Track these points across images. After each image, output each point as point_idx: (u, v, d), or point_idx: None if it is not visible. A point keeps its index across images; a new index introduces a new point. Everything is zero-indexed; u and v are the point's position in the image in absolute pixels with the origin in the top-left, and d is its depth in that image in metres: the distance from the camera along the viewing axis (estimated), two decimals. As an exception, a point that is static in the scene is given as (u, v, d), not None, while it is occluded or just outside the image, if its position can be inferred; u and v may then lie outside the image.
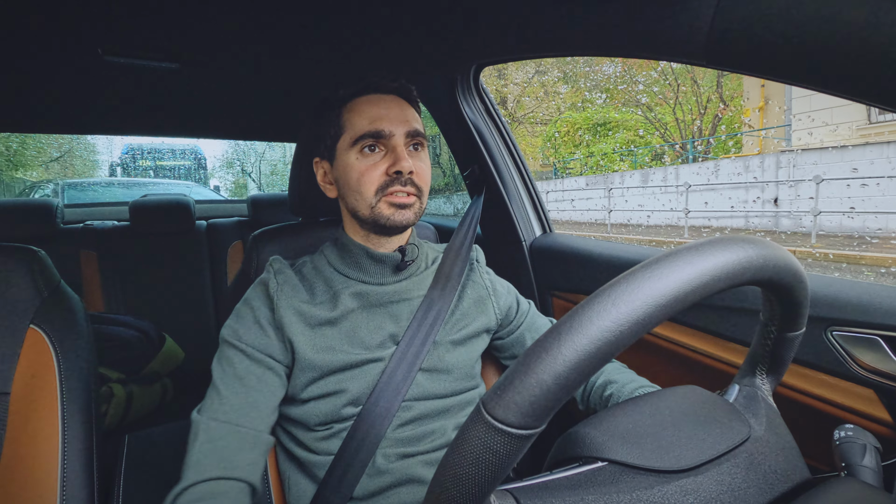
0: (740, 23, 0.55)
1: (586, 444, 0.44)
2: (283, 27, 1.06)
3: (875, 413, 0.67)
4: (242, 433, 0.68)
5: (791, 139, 7.55)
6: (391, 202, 0.74)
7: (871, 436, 0.48)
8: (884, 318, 0.66)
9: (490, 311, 0.87)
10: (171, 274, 2.07)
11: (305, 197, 0.93)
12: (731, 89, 12.16)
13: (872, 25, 0.45)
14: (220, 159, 19.37)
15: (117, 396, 1.57)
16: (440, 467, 0.34)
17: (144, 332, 1.76)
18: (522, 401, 0.31)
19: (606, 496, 0.39)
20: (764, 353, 0.50)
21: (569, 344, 0.32)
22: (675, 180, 8.79)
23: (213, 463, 0.65)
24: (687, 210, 8.03)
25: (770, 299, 0.46)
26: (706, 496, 0.40)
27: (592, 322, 0.32)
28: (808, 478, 0.45)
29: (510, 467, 0.33)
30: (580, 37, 0.81)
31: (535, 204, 1.34)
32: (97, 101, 1.53)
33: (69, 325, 0.80)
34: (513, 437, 0.32)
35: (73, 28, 1.00)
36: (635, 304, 0.32)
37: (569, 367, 0.31)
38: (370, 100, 0.77)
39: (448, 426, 0.79)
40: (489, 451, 0.32)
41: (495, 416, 0.32)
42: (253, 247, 0.94)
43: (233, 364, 0.72)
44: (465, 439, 0.33)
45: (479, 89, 1.28)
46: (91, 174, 15.75)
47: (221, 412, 0.69)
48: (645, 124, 13.51)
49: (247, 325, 0.74)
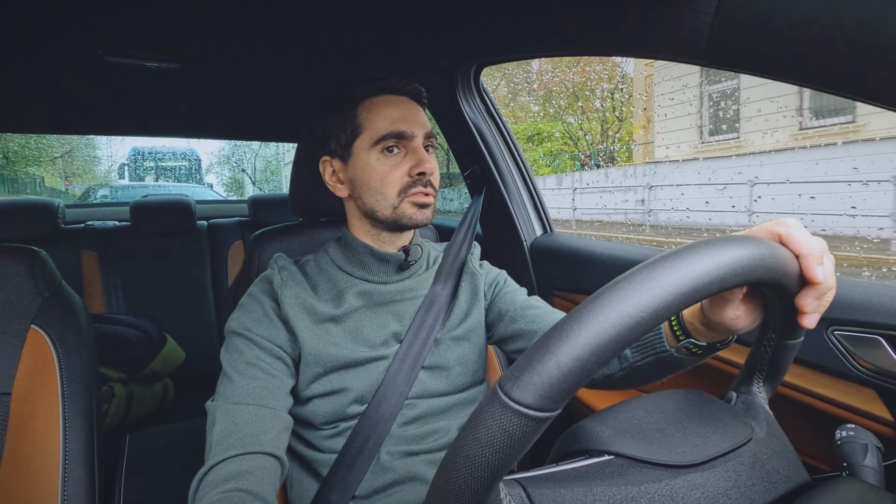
0: (741, 23, 0.55)
1: (593, 438, 0.44)
2: (284, 27, 1.06)
3: (877, 413, 0.67)
4: (262, 412, 0.67)
5: (655, 153, 9.89)
6: (414, 202, 0.75)
7: (873, 435, 0.48)
8: (885, 317, 0.66)
9: (481, 300, 0.86)
10: (171, 274, 2.07)
11: (307, 197, 0.93)
12: (628, 112, 14.02)
13: (871, 25, 0.45)
14: (215, 156, 20.13)
15: (118, 396, 1.58)
16: (452, 448, 0.33)
17: (145, 332, 1.76)
18: (541, 382, 0.31)
19: (614, 488, 0.39)
20: (762, 360, 0.50)
21: (590, 327, 0.32)
22: (577, 183, 10.92)
23: (237, 441, 0.64)
24: (574, 208, 10.32)
25: (773, 303, 0.46)
26: (713, 491, 0.40)
27: (613, 307, 0.32)
28: (809, 480, 0.45)
29: (523, 451, 0.33)
30: (581, 36, 0.81)
31: (536, 204, 1.34)
32: (97, 102, 1.53)
33: (70, 325, 0.80)
34: (529, 420, 0.31)
35: (74, 28, 1.00)
36: (656, 291, 0.32)
37: (589, 350, 0.31)
38: (388, 100, 0.77)
39: (452, 426, 0.79)
40: (504, 433, 0.31)
41: (512, 397, 0.31)
42: (254, 247, 0.94)
43: (242, 352, 0.72)
44: (479, 420, 0.32)
45: (479, 89, 1.28)
46: (91, 170, 16.49)
47: (237, 396, 0.68)
48: (565, 136, 15.25)
49: (255, 317, 0.74)
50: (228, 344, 0.74)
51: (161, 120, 1.83)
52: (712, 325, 0.55)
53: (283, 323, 0.74)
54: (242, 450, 0.63)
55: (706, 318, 0.55)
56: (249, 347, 0.72)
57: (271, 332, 0.73)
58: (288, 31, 1.08)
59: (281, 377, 0.72)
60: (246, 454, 0.63)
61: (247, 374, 0.70)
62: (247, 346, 0.72)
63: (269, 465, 0.64)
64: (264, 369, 0.71)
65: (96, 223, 2.11)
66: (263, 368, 0.71)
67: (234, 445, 0.63)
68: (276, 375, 0.71)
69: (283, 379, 0.72)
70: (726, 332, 0.56)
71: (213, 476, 0.61)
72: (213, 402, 0.69)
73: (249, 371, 0.70)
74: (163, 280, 2.05)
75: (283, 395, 0.71)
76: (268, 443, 0.65)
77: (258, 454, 0.64)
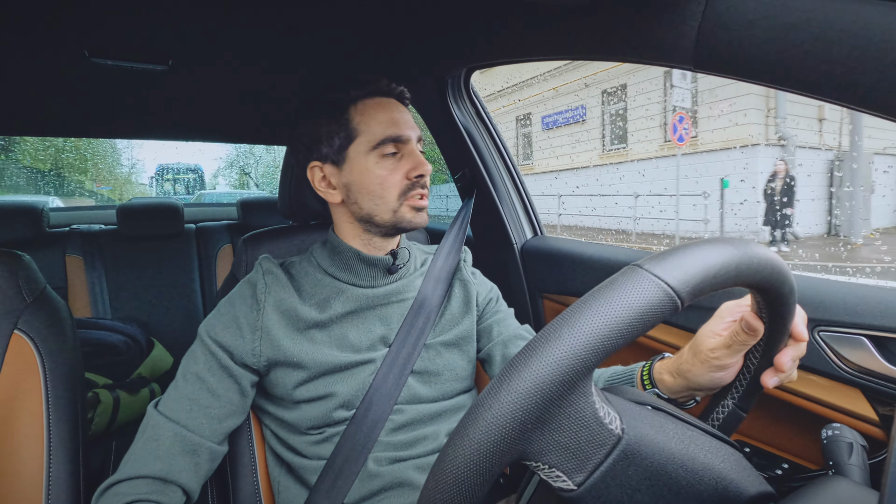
0: (726, 29, 0.56)
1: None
2: (274, 29, 1.05)
3: (861, 412, 0.68)
4: (185, 438, 0.67)
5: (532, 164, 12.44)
6: (413, 205, 0.75)
7: (858, 434, 0.49)
8: (868, 318, 0.67)
9: (473, 308, 0.87)
10: (159, 278, 2.04)
11: (296, 200, 0.92)
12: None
13: (857, 30, 0.46)
14: (224, 160, 23.11)
15: (103, 403, 1.55)
16: (584, 303, 0.34)
17: (132, 337, 1.74)
18: (687, 265, 0.35)
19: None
20: (738, 384, 0.54)
21: (731, 245, 0.37)
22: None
23: (152, 461, 0.64)
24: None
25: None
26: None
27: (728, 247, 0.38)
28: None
29: (643, 331, 0.34)
30: (569, 41, 0.81)
31: (526, 206, 1.35)
32: (84, 104, 1.51)
33: (54, 330, 0.79)
34: (665, 297, 0.33)
35: (58, 29, 0.99)
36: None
37: (725, 258, 0.36)
38: (380, 103, 0.77)
39: (440, 431, 0.78)
40: (643, 301, 0.33)
41: (653, 272, 0.34)
42: (243, 250, 0.93)
43: (198, 361, 0.72)
44: (616, 285, 0.34)
45: (469, 92, 1.28)
46: (115, 173, 19.90)
47: (172, 409, 0.68)
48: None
49: (224, 323, 0.73)
50: (192, 347, 0.74)
51: (150, 122, 1.81)
52: (687, 377, 0.58)
53: (254, 332, 0.73)
54: (154, 473, 0.64)
55: (683, 372, 0.58)
56: (206, 358, 0.72)
57: (235, 341, 0.72)
58: (278, 33, 1.07)
59: (225, 397, 0.71)
60: (156, 479, 0.64)
61: (192, 386, 0.70)
62: (203, 355, 0.72)
63: (171, 497, 0.65)
64: (210, 387, 0.70)
65: (82, 226, 2.08)
66: (209, 386, 0.70)
67: (147, 465, 0.64)
68: (220, 395, 0.71)
69: (226, 400, 0.71)
70: (695, 392, 0.59)
71: (116, 491, 0.62)
72: (154, 407, 0.70)
73: (195, 384, 0.70)
74: (150, 284, 2.02)
75: (220, 418, 0.71)
76: (180, 473, 0.66)
77: (167, 482, 0.65)
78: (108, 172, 18.57)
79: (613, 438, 0.37)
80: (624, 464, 0.37)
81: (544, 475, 0.36)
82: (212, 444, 0.70)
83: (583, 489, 0.36)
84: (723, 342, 0.53)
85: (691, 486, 0.38)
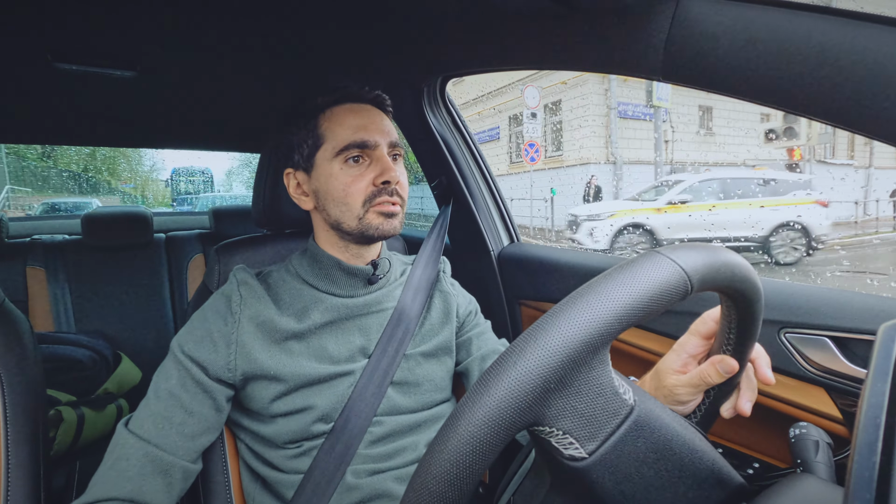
0: (692, 42, 0.58)
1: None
2: (246, 36, 1.04)
3: (826, 410, 0.71)
4: (157, 457, 0.65)
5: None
6: (380, 211, 0.74)
7: (824, 432, 0.50)
8: (830, 319, 0.70)
9: (453, 319, 0.87)
10: (127, 290, 1.97)
11: (271, 208, 0.91)
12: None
13: (813, 44, 0.48)
14: (238, 160, 24.59)
15: (67, 421, 1.48)
16: (609, 276, 0.35)
17: (97, 352, 1.67)
18: (698, 256, 0.37)
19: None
20: (696, 412, 0.56)
21: (730, 252, 0.41)
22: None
23: (122, 482, 0.62)
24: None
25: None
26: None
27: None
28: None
29: (659, 309, 0.35)
30: (542, 51, 0.83)
31: (503, 214, 1.36)
32: (47, 110, 1.46)
33: (13, 345, 0.75)
34: (680, 279, 0.35)
35: (17, 31, 0.95)
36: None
37: (726, 258, 0.40)
38: (350, 109, 0.76)
39: (420, 442, 0.77)
40: (663, 280, 0.35)
41: (670, 257, 0.36)
42: (215, 260, 0.91)
43: (170, 377, 0.69)
44: (638, 263, 0.36)
45: (445, 101, 1.29)
46: (136, 171, 21.67)
47: (143, 428, 0.66)
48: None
49: (197, 337, 0.71)
50: (164, 363, 0.72)
51: (118, 129, 1.76)
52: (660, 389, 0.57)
53: (228, 346, 0.71)
54: (123, 495, 0.62)
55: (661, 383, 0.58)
56: (179, 374, 0.69)
57: (209, 355, 0.70)
58: (250, 40, 1.06)
59: (199, 414, 0.69)
60: (123, 501, 0.62)
61: (164, 403, 0.68)
62: (176, 371, 0.70)
63: None
64: (183, 403, 0.68)
65: (43, 237, 1.99)
66: (183, 402, 0.68)
67: (117, 487, 0.62)
68: (194, 412, 0.69)
69: (201, 416, 0.69)
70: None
71: None
72: (124, 426, 0.67)
73: (168, 401, 0.68)
74: (117, 296, 1.95)
75: (192, 435, 0.69)
76: (151, 494, 0.64)
77: None
78: (130, 171, 20.59)
79: (626, 409, 0.38)
80: (634, 435, 0.38)
81: (556, 442, 0.37)
82: (185, 463, 0.67)
83: (593, 458, 0.37)
84: (688, 380, 0.52)
85: (692, 465, 0.40)
